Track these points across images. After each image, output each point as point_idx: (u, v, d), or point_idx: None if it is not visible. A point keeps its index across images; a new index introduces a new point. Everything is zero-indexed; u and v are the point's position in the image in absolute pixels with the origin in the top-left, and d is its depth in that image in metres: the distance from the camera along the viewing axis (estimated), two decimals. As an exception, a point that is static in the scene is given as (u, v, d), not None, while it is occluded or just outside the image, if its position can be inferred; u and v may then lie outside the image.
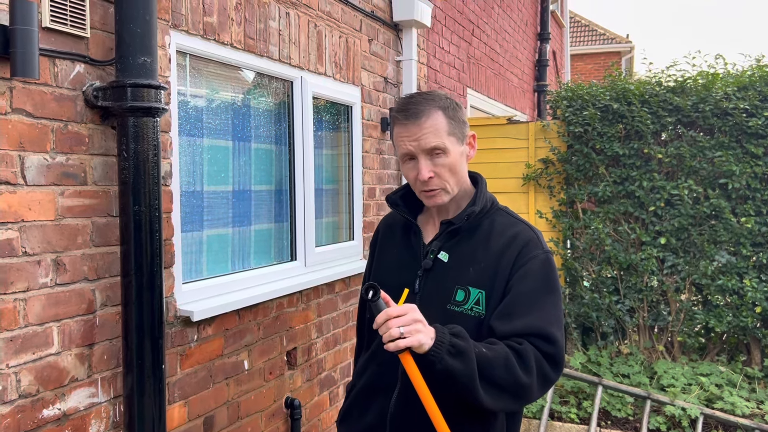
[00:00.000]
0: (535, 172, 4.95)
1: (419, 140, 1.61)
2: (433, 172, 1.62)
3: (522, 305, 1.57)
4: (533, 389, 1.53)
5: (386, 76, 3.96)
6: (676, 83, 4.59)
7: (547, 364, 1.55)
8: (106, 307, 2.01)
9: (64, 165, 1.87)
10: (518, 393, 1.52)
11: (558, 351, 1.56)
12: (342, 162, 3.64)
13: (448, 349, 1.45)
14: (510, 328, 1.56)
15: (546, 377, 1.55)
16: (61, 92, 1.86)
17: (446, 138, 1.62)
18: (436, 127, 1.61)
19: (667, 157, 4.49)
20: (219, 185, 2.70)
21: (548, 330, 1.56)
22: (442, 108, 1.64)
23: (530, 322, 1.55)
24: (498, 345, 1.53)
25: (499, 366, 1.48)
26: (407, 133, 1.63)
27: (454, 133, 1.64)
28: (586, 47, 19.80)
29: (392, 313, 1.44)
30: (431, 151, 1.61)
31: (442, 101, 1.66)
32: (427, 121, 1.61)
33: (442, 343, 1.45)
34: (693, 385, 4.14)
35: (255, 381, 2.75)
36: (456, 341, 1.47)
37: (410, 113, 1.63)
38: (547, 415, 4.01)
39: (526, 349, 1.52)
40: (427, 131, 1.61)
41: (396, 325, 1.42)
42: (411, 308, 1.46)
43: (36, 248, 1.79)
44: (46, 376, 1.82)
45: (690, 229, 4.45)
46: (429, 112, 1.62)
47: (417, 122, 1.61)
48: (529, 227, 1.70)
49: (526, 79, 7.88)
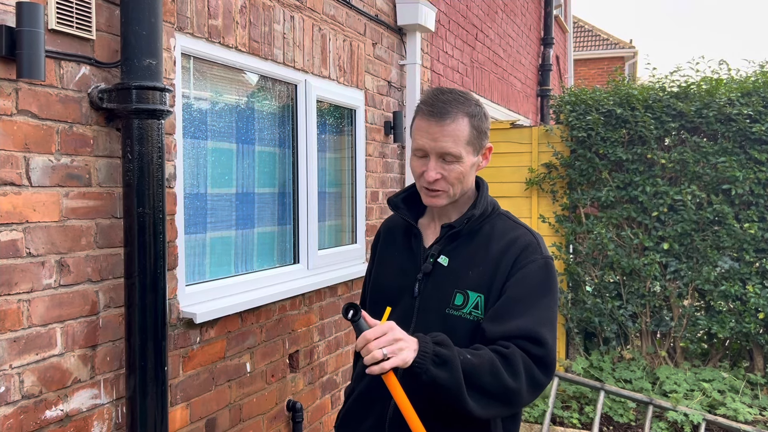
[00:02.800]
0: (538, 176, 4.95)
1: (437, 141, 1.59)
2: (440, 174, 1.61)
3: (513, 308, 1.56)
4: (522, 394, 1.51)
5: (390, 80, 3.97)
6: (680, 89, 4.59)
7: (536, 367, 1.52)
8: (110, 309, 2.01)
9: (68, 166, 1.88)
10: (507, 398, 1.49)
11: (547, 353, 1.53)
12: (345, 165, 3.65)
13: (433, 359, 1.43)
14: (499, 330, 1.54)
15: (535, 381, 1.52)
16: (66, 94, 1.87)
17: (463, 147, 1.59)
18: (457, 134, 1.58)
19: (670, 163, 4.48)
20: (222, 188, 2.71)
21: (537, 331, 1.53)
22: (469, 115, 1.60)
23: (520, 324, 1.53)
24: (483, 350, 1.50)
25: (484, 372, 1.46)
26: (427, 129, 1.60)
27: (472, 143, 1.62)
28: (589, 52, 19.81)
29: (370, 336, 1.41)
30: (445, 155, 1.60)
31: (471, 108, 1.62)
32: (451, 125, 1.58)
33: (426, 353, 1.43)
34: (695, 390, 4.13)
35: (257, 384, 2.75)
36: (440, 350, 1.45)
37: (436, 111, 1.59)
38: (548, 420, 4.00)
39: (513, 353, 1.50)
40: (447, 135, 1.58)
41: (377, 347, 1.39)
42: (389, 327, 1.43)
43: (40, 249, 1.79)
44: (49, 377, 1.82)
45: (693, 235, 4.45)
46: (455, 116, 1.58)
47: (440, 122, 1.58)
48: (529, 231, 1.69)
49: (529, 83, 7.89)
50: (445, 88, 1.67)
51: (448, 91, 1.64)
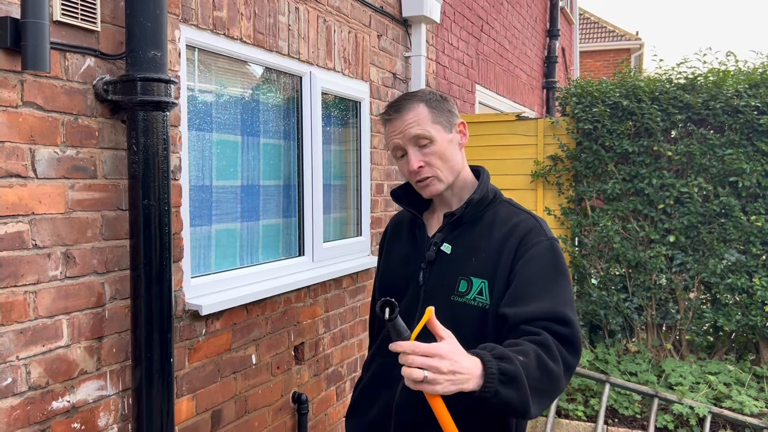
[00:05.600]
0: (544, 169, 4.93)
1: (403, 131, 1.66)
2: (422, 162, 1.65)
3: (531, 289, 1.52)
4: (562, 379, 1.45)
5: (395, 72, 3.95)
6: (687, 80, 4.56)
7: (564, 347, 1.47)
8: (116, 301, 2.01)
9: (74, 158, 1.88)
10: (554, 388, 1.44)
11: (574, 332, 1.49)
12: (350, 158, 3.64)
13: (500, 378, 1.30)
14: (523, 312, 1.49)
15: (567, 363, 1.47)
16: (71, 86, 1.87)
17: (430, 126, 1.65)
18: (418, 117, 1.65)
19: (676, 155, 4.46)
20: (228, 180, 2.71)
21: (562, 311, 1.49)
22: (424, 100, 1.69)
23: (544, 305, 1.49)
24: (525, 345, 1.42)
25: (534, 368, 1.38)
26: (393, 128, 1.68)
27: (438, 122, 1.67)
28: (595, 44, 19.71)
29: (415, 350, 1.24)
30: (417, 140, 1.64)
31: (425, 95, 1.71)
32: (409, 113, 1.66)
33: (493, 375, 1.30)
34: (701, 383, 4.13)
35: (262, 375, 2.75)
36: (505, 366, 1.32)
37: (393, 110, 1.69)
38: (554, 412, 4.00)
39: (546, 339, 1.44)
40: (410, 121, 1.65)
41: (418, 365, 1.24)
42: (438, 350, 1.25)
43: (46, 241, 1.80)
44: (56, 368, 1.83)
45: (699, 227, 4.43)
46: (410, 106, 1.67)
47: (400, 116, 1.67)
48: (532, 216, 1.68)
49: (535, 75, 7.85)
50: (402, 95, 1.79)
51: (399, 95, 1.80)
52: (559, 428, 4.02)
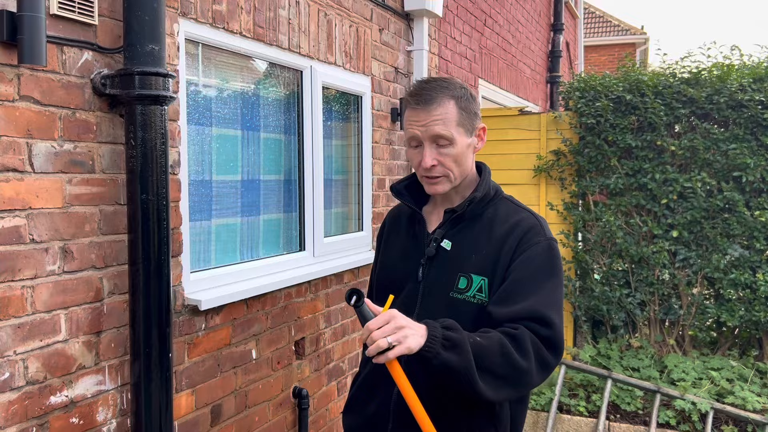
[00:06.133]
0: (547, 163, 4.91)
1: (427, 126, 1.61)
2: (436, 161, 1.62)
3: (520, 290, 1.56)
4: (532, 374, 1.50)
5: (397, 66, 3.93)
6: (691, 74, 4.53)
7: (545, 348, 1.52)
8: (114, 295, 2.01)
9: (71, 153, 1.87)
10: (517, 379, 1.49)
11: (555, 334, 1.53)
12: (351, 152, 3.63)
13: (442, 342, 1.43)
14: (507, 312, 1.54)
15: (544, 361, 1.52)
16: (68, 80, 1.86)
17: (454, 128, 1.61)
18: (445, 116, 1.60)
19: (680, 150, 4.43)
20: (228, 175, 2.70)
21: (545, 313, 1.53)
22: (455, 97, 1.63)
23: (527, 306, 1.53)
24: (492, 333, 1.51)
25: (494, 354, 1.46)
26: (416, 117, 1.63)
27: (463, 124, 1.63)
28: (600, 38, 19.61)
29: (373, 325, 1.42)
30: (437, 138, 1.61)
31: (457, 90, 1.64)
32: (438, 109, 1.60)
33: (435, 337, 1.43)
34: (704, 379, 4.11)
35: (263, 370, 2.75)
36: (449, 334, 1.45)
37: (422, 98, 1.62)
38: (555, 407, 4.00)
39: (521, 334, 1.50)
40: (436, 119, 1.60)
41: (382, 336, 1.39)
42: (391, 316, 1.43)
43: (43, 236, 1.79)
44: (54, 363, 1.82)
45: (703, 223, 4.41)
46: (441, 100, 1.61)
47: (427, 108, 1.61)
48: (532, 215, 1.69)
49: (539, 70, 7.82)
50: (430, 77, 1.70)
51: (431, 79, 1.68)
52: (561, 424, 4.01)
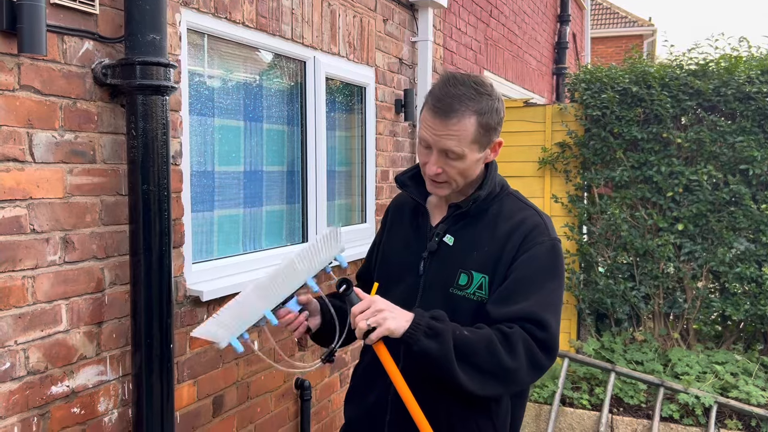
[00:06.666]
0: (552, 155, 4.89)
1: (440, 138, 1.55)
2: (441, 169, 1.59)
3: (519, 291, 1.56)
4: (521, 373, 1.51)
5: (401, 57, 3.91)
6: (698, 66, 4.49)
7: (539, 349, 1.52)
8: (115, 286, 2.01)
9: (72, 143, 1.86)
10: (504, 377, 1.50)
11: (550, 337, 1.54)
12: (355, 144, 3.61)
13: (425, 330, 1.46)
14: (504, 312, 1.54)
15: (537, 362, 1.52)
16: (69, 69, 1.85)
17: (467, 145, 1.56)
18: (461, 134, 1.54)
19: (686, 142, 4.40)
20: (230, 166, 2.69)
21: (541, 315, 1.53)
22: (478, 113, 1.54)
23: (524, 307, 1.53)
24: (483, 329, 1.52)
25: (480, 349, 1.48)
26: (431, 123, 1.56)
27: (478, 141, 1.57)
28: (607, 30, 19.47)
29: (356, 310, 1.48)
30: (447, 151, 1.57)
31: (483, 103, 1.55)
32: (456, 125, 1.53)
33: (419, 325, 1.47)
34: (708, 373, 4.10)
35: (265, 362, 2.75)
36: (433, 323, 1.48)
37: (442, 106, 1.53)
38: (558, 400, 3.99)
39: (514, 333, 1.50)
40: (451, 134, 1.54)
41: (362, 319, 1.46)
42: (372, 300, 1.49)
43: (44, 226, 1.79)
44: (55, 353, 1.82)
45: (708, 216, 4.38)
46: (461, 115, 1.53)
47: (445, 120, 1.53)
48: (537, 213, 1.67)
49: (545, 61, 7.77)
50: (459, 76, 1.58)
51: (461, 81, 1.56)
52: (563, 417, 4.01)
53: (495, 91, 1.61)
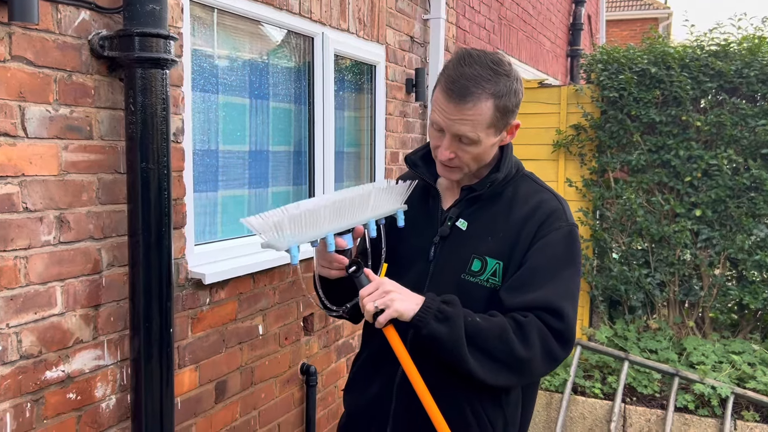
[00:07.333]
0: (566, 138, 4.76)
1: (454, 123, 1.44)
2: (454, 154, 1.49)
3: (534, 278, 1.48)
4: (535, 364, 1.44)
5: (413, 35, 3.79)
6: (720, 47, 4.34)
7: (554, 339, 1.45)
8: (113, 268, 1.93)
9: (68, 117, 1.78)
10: (516, 366, 1.44)
11: (567, 327, 1.46)
12: (364, 125, 3.52)
13: (435, 314, 1.40)
14: (519, 301, 1.46)
15: (552, 353, 1.45)
16: (64, 40, 1.76)
17: (483, 131, 1.45)
18: (476, 119, 1.42)
19: (706, 125, 4.26)
20: (235, 144, 2.60)
21: (558, 304, 1.45)
22: (495, 96, 1.42)
23: (540, 295, 1.45)
24: (497, 317, 1.45)
25: (492, 336, 1.41)
26: (444, 106, 1.44)
27: (495, 125, 1.46)
28: (622, 12, 19.15)
29: (363, 293, 1.43)
30: (460, 137, 1.46)
31: (499, 86, 1.42)
32: (471, 109, 1.42)
33: (429, 308, 1.41)
34: (724, 363, 4.00)
35: (270, 346, 2.68)
36: (444, 307, 1.42)
37: (457, 89, 1.41)
38: (569, 389, 3.91)
39: (529, 322, 1.43)
40: (466, 119, 1.43)
41: (370, 302, 1.40)
42: (380, 282, 1.44)
43: (38, 204, 1.71)
44: (50, 337, 1.75)
45: (727, 201, 4.25)
46: (477, 98, 1.41)
47: (459, 104, 1.42)
48: (554, 196, 1.58)
49: (559, 43, 7.60)
50: (475, 54, 1.45)
51: (477, 60, 1.44)
52: (575, 405, 3.93)
53: (513, 70, 1.50)
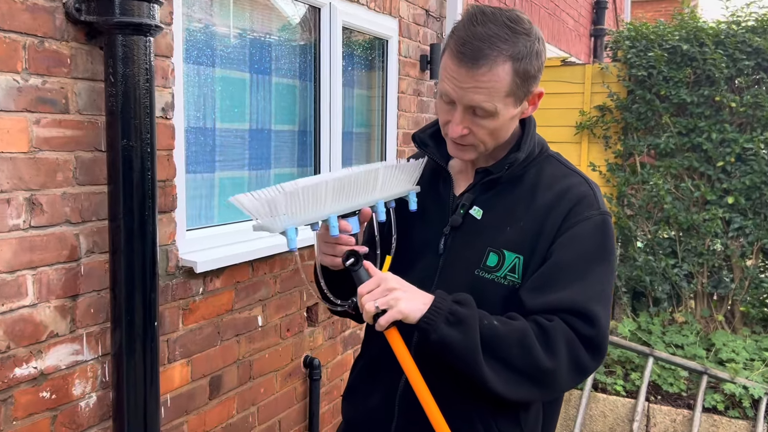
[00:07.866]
0: (590, 120, 4.52)
1: (466, 92, 1.22)
2: (468, 130, 1.27)
3: (561, 276, 1.27)
4: (560, 375, 1.24)
5: (428, 9, 3.57)
6: (758, 22, 4.06)
7: (584, 348, 1.24)
8: (93, 255, 1.77)
9: (39, 89, 1.61)
10: (539, 378, 1.23)
11: (599, 334, 1.25)
12: (375, 104, 3.32)
13: (446, 317, 1.21)
14: (542, 302, 1.26)
15: (580, 364, 1.25)
16: (35, 2, 1.58)
17: (501, 100, 1.23)
18: (493, 85, 1.21)
19: (741, 106, 4.00)
20: (233, 123, 2.42)
21: (589, 307, 1.24)
22: (513, 58, 1.20)
23: (568, 296, 1.25)
24: (518, 320, 1.25)
25: (512, 344, 1.21)
26: (455, 74, 1.22)
27: (514, 93, 1.24)
28: (648, -7, 18.61)
29: (363, 290, 1.24)
30: (474, 108, 1.24)
31: (518, 47, 1.21)
32: (486, 74, 1.20)
33: (439, 309, 1.21)
34: (756, 360, 3.77)
35: (270, 338, 2.52)
36: (457, 308, 1.22)
37: (468, 51, 1.20)
38: (590, 386, 3.71)
39: (554, 327, 1.23)
40: (480, 86, 1.21)
41: (370, 301, 1.21)
42: (382, 278, 1.25)
43: (4, 184, 1.54)
44: (19, 330, 1.59)
45: (763, 188, 4.00)
46: (494, 62, 1.19)
47: (472, 70, 1.20)
48: (584, 180, 1.35)
49: (582, 22, 7.30)
50: (489, 11, 1.24)
51: (491, 18, 1.22)
52: (595, 403, 3.73)
53: (534, 28, 1.28)
